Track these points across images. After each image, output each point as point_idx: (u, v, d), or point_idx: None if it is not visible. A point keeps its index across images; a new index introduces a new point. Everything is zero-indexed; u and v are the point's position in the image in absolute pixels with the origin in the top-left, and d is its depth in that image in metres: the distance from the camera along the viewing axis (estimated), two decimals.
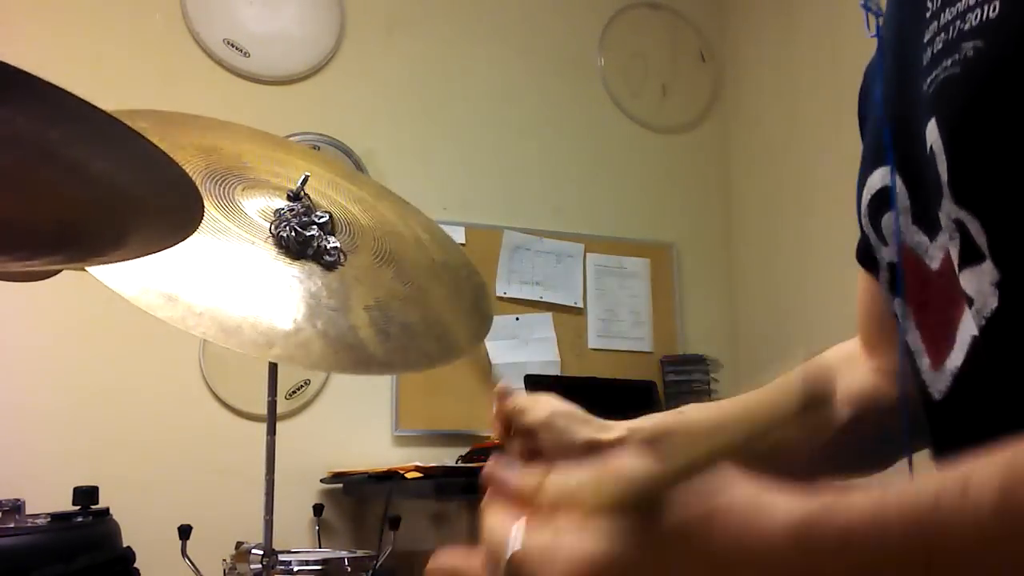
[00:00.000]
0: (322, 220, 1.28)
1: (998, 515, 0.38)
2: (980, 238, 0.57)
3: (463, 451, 2.80)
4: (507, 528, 0.46)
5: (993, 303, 0.57)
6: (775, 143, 3.30)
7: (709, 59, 3.59)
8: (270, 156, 1.43)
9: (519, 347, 3.08)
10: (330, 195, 1.39)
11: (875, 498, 0.40)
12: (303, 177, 1.31)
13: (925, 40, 0.62)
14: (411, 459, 2.68)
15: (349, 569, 1.72)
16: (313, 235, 1.25)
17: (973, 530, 0.38)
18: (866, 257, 0.82)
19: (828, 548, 0.40)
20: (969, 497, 0.38)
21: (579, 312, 3.22)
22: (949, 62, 0.58)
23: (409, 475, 2.39)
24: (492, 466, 0.50)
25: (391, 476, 2.44)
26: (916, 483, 0.41)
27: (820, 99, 3.05)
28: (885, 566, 0.39)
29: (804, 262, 3.09)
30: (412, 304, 1.31)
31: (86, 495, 1.92)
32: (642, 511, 0.41)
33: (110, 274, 1.00)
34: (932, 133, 0.59)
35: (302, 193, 1.30)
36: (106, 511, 1.96)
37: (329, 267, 1.26)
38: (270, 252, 1.24)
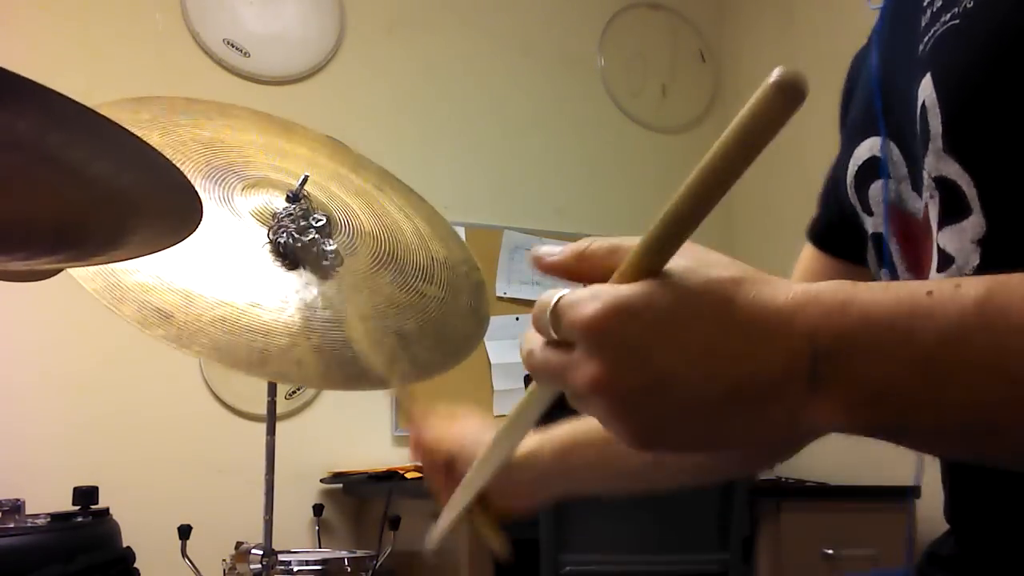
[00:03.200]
0: (320, 224, 1.27)
1: (978, 307, 0.43)
2: (970, 191, 0.58)
3: None
4: (552, 292, 0.49)
5: (975, 260, 0.58)
6: (774, 143, 3.28)
7: (709, 59, 3.59)
8: (274, 147, 1.41)
9: (519, 347, 3.08)
10: (331, 190, 1.38)
11: (877, 285, 0.46)
12: (302, 178, 1.30)
13: (924, 3, 0.62)
14: (411, 459, 2.67)
15: (349, 569, 1.72)
16: (312, 239, 1.25)
17: (955, 314, 0.43)
18: (826, 237, 0.82)
19: (825, 312, 0.44)
20: (958, 291, 0.44)
21: None
22: (948, 16, 0.59)
23: (409, 475, 2.39)
24: (537, 250, 0.55)
25: (391, 476, 2.44)
26: (917, 282, 0.46)
27: (820, 99, 3.02)
28: (873, 330, 0.43)
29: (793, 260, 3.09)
30: (408, 311, 1.31)
31: (86, 495, 1.92)
32: (666, 260, 0.47)
33: (106, 293, 1.00)
34: (926, 88, 0.60)
35: (302, 194, 1.29)
36: (106, 511, 1.96)
37: (325, 273, 1.26)
38: (267, 259, 1.23)
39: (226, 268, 1.19)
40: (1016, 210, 0.56)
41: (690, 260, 0.47)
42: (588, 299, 0.46)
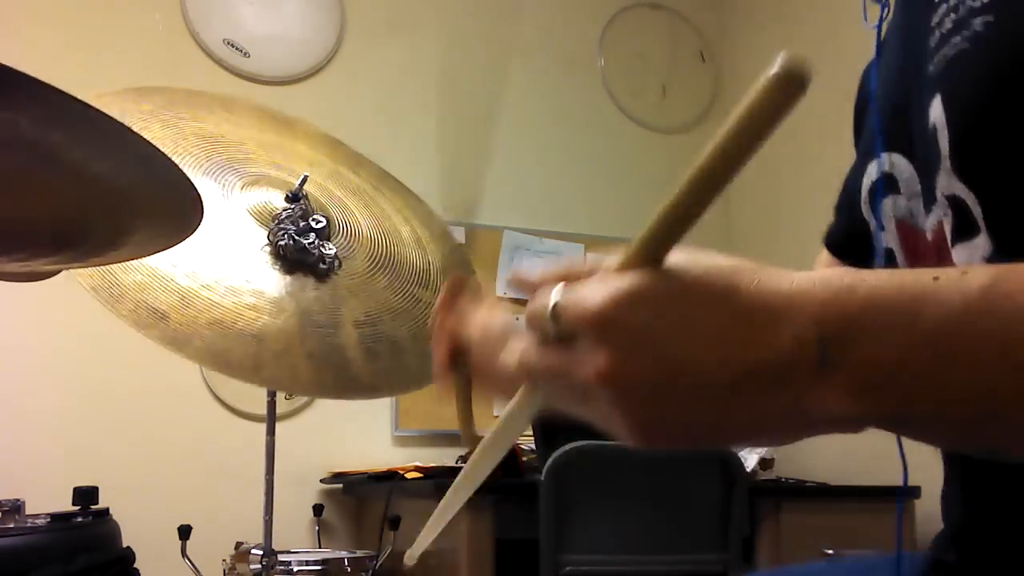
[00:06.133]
0: (320, 226, 1.27)
1: (983, 292, 0.43)
2: (976, 211, 0.58)
3: (463, 451, 2.80)
4: (548, 291, 0.48)
5: None
6: (775, 143, 3.27)
7: (709, 59, 3.59)
8: (274, 143, 1.42)
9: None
10: (329, 189, 1.38)
11: (885, 271, 0.46)
12: (302, 178, 1.30)
13: (933, 23, 0.62)
14: (411, 459, 2.68)
15: (349, 569, 1.72)
16: (311, 242, 1.25)
17: (959, 299, 0.43)
18: (843, 246, 0.82)
19: (832, 297, 0.44)
20: (965, 276, 0.44)
21: None
22: (958, 38, 0.59)
23: (409, 475, 2.39)
24: (517, 271, 0.53)
25: (391, 476, 2.44)
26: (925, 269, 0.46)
27: (820, 99, 3.04)
28: (879, 313, 0.44)
29: (804, 262, 3.08)
30: (402, 316, 1.31)
31: (86, 495, 1.92)
32: (667, 255, 0.46)
33: (103, 291, 1.00)
34: (936, 109, 0.60)
35: (301, 194, 1.30)
36: (106, 511, 1.96)
37: (323, 276, 1.25)
38: (266, 261, 1.23)
39: (224, 269, 1.19)
40: (1022, 231, 0.56)
41: (687, 254, 0.47)
42: (592, 290, 0.45)
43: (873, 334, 0.43)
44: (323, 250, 1.26)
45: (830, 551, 2.32)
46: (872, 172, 0.71)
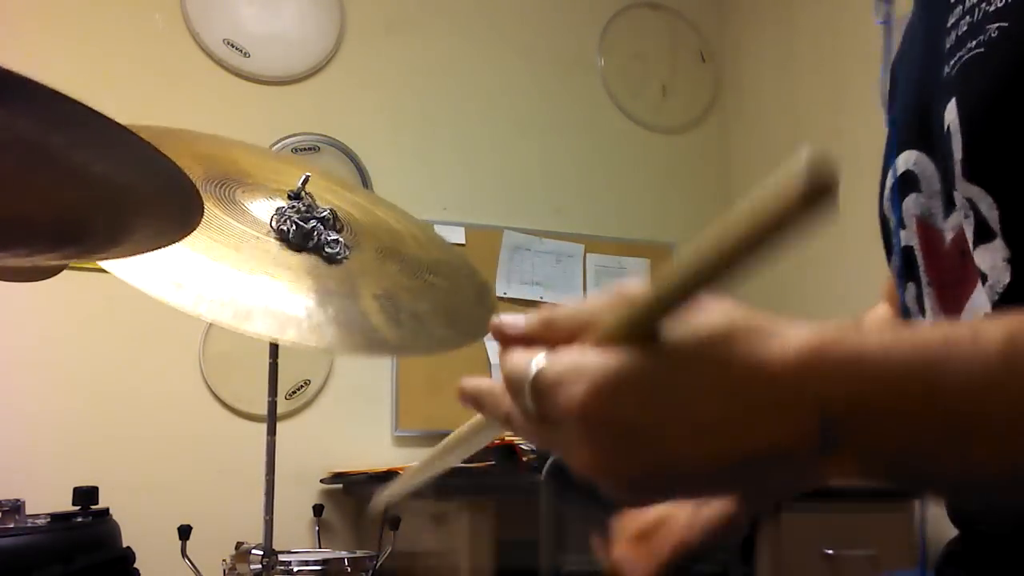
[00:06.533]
0: (323, 215, 1.28)
1: (1002, 354, 0.39)
2: (992, 215, 0.58)
3: None
4: (526, 358, 0.46)
5: (1005, 278, 0.58)
6: (775, 143, 3.29)
7: (709, 59, 3.59)
8: (266, 165, 1.44)
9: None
10: (328, 199, 1.39)
11: (886, 333, 0.42)
12: (304, 177, 1.31)
13: (949, 25, 0.63)
14: (411, 459, 2.68)
15: (349, 569, 1.72)
16: (314, 228, 1.26)
17: (979, 368, 0.39)
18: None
19: (835, 374, 0.41)
20: (978, 338, 0.40)
21: None
22: (973, 43, 0.59)
23: None
24: (499, 320, 0.51)
25: (391, 476, 2.44)
26: (929, 327, 0.43)
27: (820, 99, 3.05)
28: (889, 390, 0.40)
29: (803, 262, 3.09)
30: (420, 295, 1.32)
31: (86, 495, 1.92)
32: (657, 332, 0.42)
33: (120, 265, 1.00)
34: (951, 113, 0.60)
35: (303, 193, 1.30)
36: (106, 511, 1.96)
37: (332, 260, 1.26)
38: (274, 246, 1.24)
39: (234, 249, 1.20)
40: None
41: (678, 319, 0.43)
42: (573, 378, 0.42)
43: (882, 413, 0.40)
44: (328, 236, 1.27)
45: (830, 551, 2.32)
46: (898, 168, 0.72)
